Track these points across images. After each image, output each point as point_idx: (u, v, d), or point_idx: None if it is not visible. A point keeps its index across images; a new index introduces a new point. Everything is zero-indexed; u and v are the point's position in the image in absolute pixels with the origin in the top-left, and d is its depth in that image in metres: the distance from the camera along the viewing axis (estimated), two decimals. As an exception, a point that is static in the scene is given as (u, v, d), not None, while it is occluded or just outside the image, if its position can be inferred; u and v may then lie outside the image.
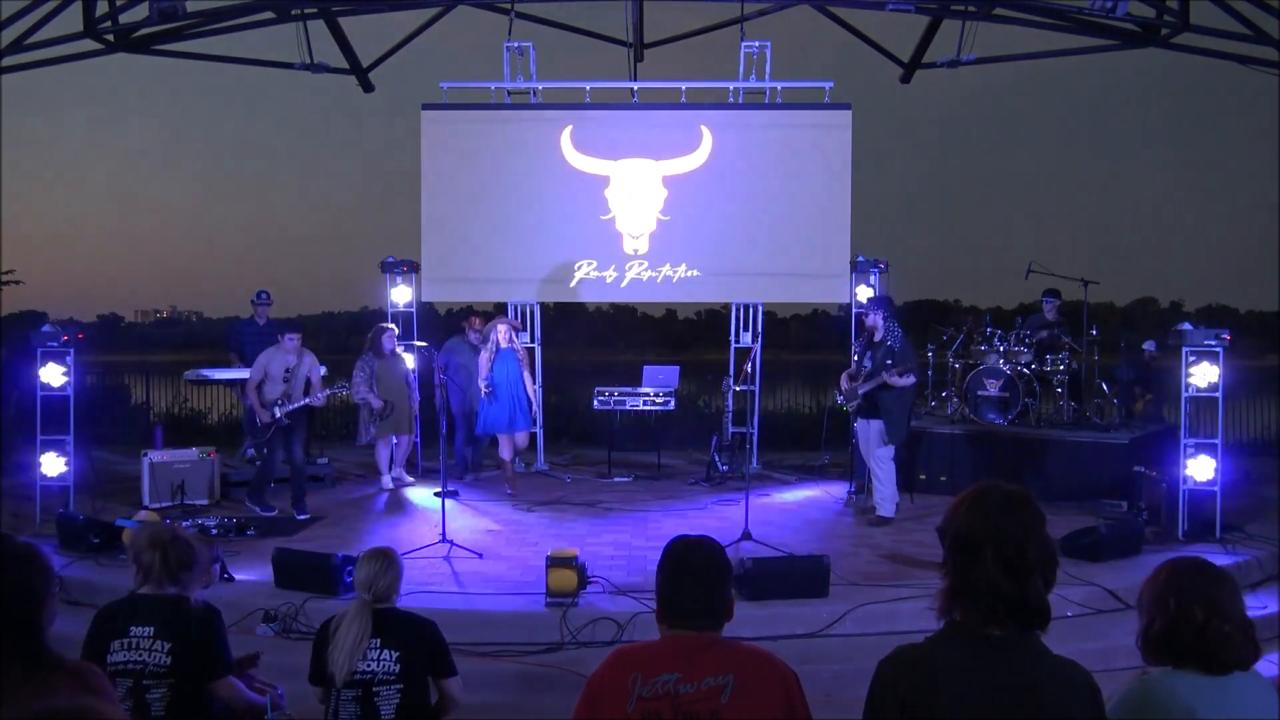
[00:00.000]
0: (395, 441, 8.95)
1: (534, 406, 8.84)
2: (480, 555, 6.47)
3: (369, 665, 3.14)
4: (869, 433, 7.54)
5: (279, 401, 7.58)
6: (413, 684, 3.17)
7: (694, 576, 2.26)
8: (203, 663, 3.09)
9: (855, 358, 7.85)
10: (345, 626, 3.19)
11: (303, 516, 7.64)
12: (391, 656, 3.16)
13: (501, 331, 8.46)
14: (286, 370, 7.65)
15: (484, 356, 8.45)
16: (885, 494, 7.49)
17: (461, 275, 9.77)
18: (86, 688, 2.03)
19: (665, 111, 9.81)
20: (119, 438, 11.60)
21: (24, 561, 2.20)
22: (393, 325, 9.05)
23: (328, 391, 8.10)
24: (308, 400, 7.68)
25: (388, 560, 3.34)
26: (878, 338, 7.54)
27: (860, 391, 7.48)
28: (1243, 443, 11.60)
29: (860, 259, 9.65)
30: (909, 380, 7.33)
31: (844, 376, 7.83)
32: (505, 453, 8.58)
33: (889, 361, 7.33)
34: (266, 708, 3.56)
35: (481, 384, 8.40)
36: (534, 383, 8.90)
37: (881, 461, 7.47)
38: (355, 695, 3.13)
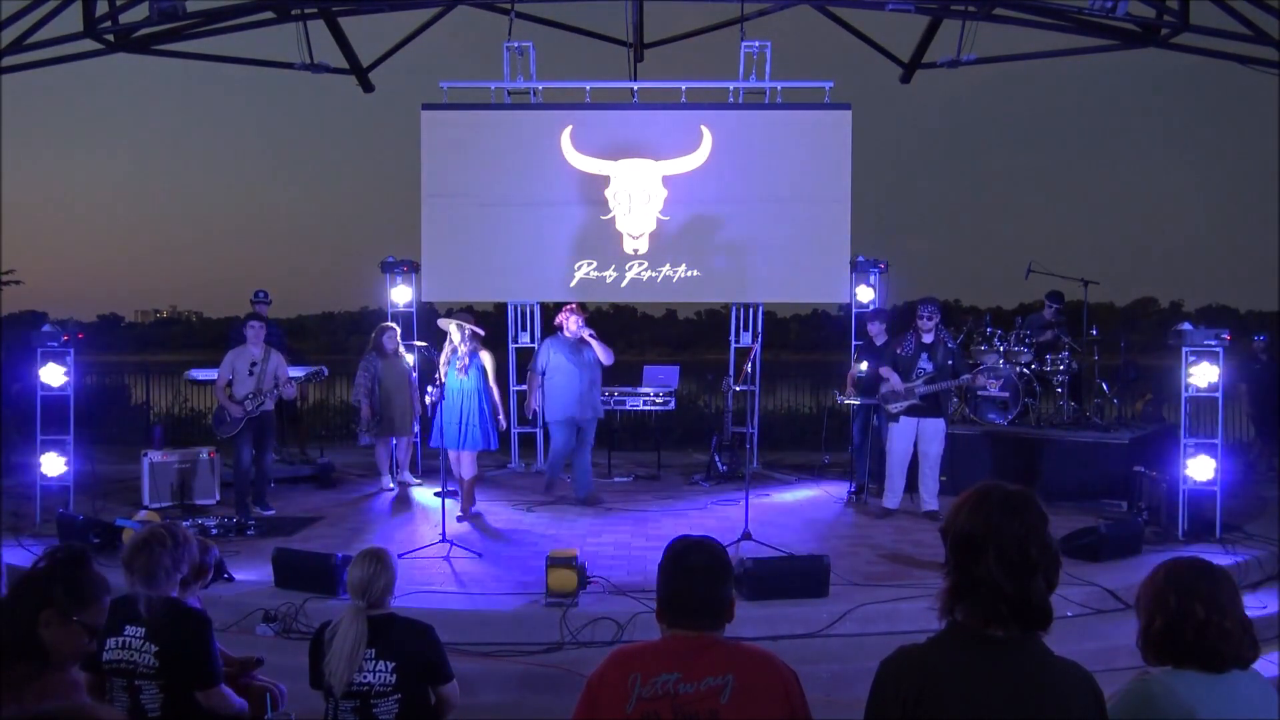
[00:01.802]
0: (395, 443, 8.96)
1: (498, 420, 7.65)
2: (480, 555, 6.48)
3: (365, 677, 3.08)
4: (920, 432, 7.55)
5: (250, 395, 7.61)
6: (411, 692, 3.12)
7: (695, 576, 2.26)
8: (189, 670, 3.08)
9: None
10: (340, 635, 3.11)
11: (269, 512, 7.74)
12: (387, 668, 3.09)
13: (454, 331, 7.46)
14: (253, 364, 7.67)
15: (441, 359, 7.52)
16: (936, 487, 7.65)
17: (461, 275, 9.77)
18: (59, 699, 2.01)
19: (665, 111, 9.80)
20: (119, 438, 11.60)
21: (72, 579, 2.18)
22: (394, 325, 9.06)
23: (303, 372, 8.17)
24: (279, 391, 7.71)
25: (381, 563, 3.24)
26: (929, 339, 7.58)
27: (921, 393, 7.47)
28: (1243, 443, 11.59)
29: (860, 259, 9.66)
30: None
31: (892, 376, 7.57)
32: (465, 471, 7.62)
33: (950, 363, 7.48)
34: (266, 706, 3.57)
35: (430, 390, 7.16)
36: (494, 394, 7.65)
37: (939, 461, 7.64)
38: (353, 706, 3.08)
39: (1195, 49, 9.07)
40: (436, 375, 7.34)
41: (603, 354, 8.04)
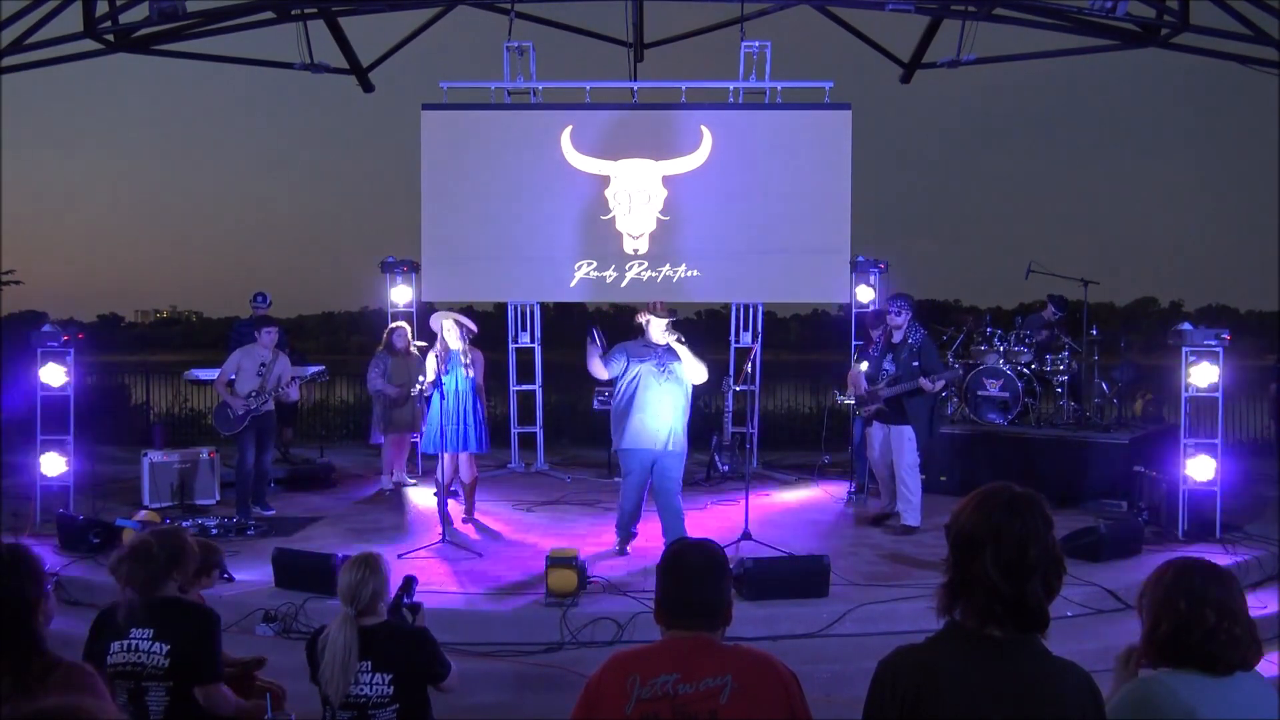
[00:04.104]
0: (398, 439, 8.97)
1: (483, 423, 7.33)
2: (480, 555, 6.48)
3: (361, 689, 3.03)
4: (891, 439, 7.21)
5: (254, 393, 7.62)
6: (409, 701, 3.08)
7: (693, 577, 2.26)
8: (195, 666, 3.07)
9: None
10: (330, 645, 3.04)
11: (269, 512, 7.75)
12: (384, 679, 3.03)
13: (451, 330, 7.15)
14: (261, 365, 7.69)
15: (430, 360, 7.20)
16: (915, 503, 7.17)
17: (461, 275, 9.76)
18: (80, 688, 2.03)
19: (665, 111, 9.80)
20: (119, 438, 11.60)
21: (13, 567, 2.20)
22: (405, 324, 9.09)
23: (307, 373, 8.16)
24: (282, 392, 7.72)
25: (369, 568, 3.15)
26: (898, 339, 7.25)
27: (884, 395, 7.17)
28: (1243, 443, 11.60)
29: (860, 259, 9.65)
30: (943, 384, 7.20)
31: (859, 376, 7.39)
32: (465, 474, 7.43)
33: (915, 364, 7.08)
34: (266, 706, 3.56)
35: (418, 389, 7.02)
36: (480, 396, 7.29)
37: (911, 470, 7.15)
38: (350, 717, 3.04)
39: (1195, 49, 9.07)
40: (434, 376, 7.04)
41: (692, 368, 6.27)
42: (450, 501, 7.22)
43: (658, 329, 6.26)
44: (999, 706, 1.79)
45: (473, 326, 7.33)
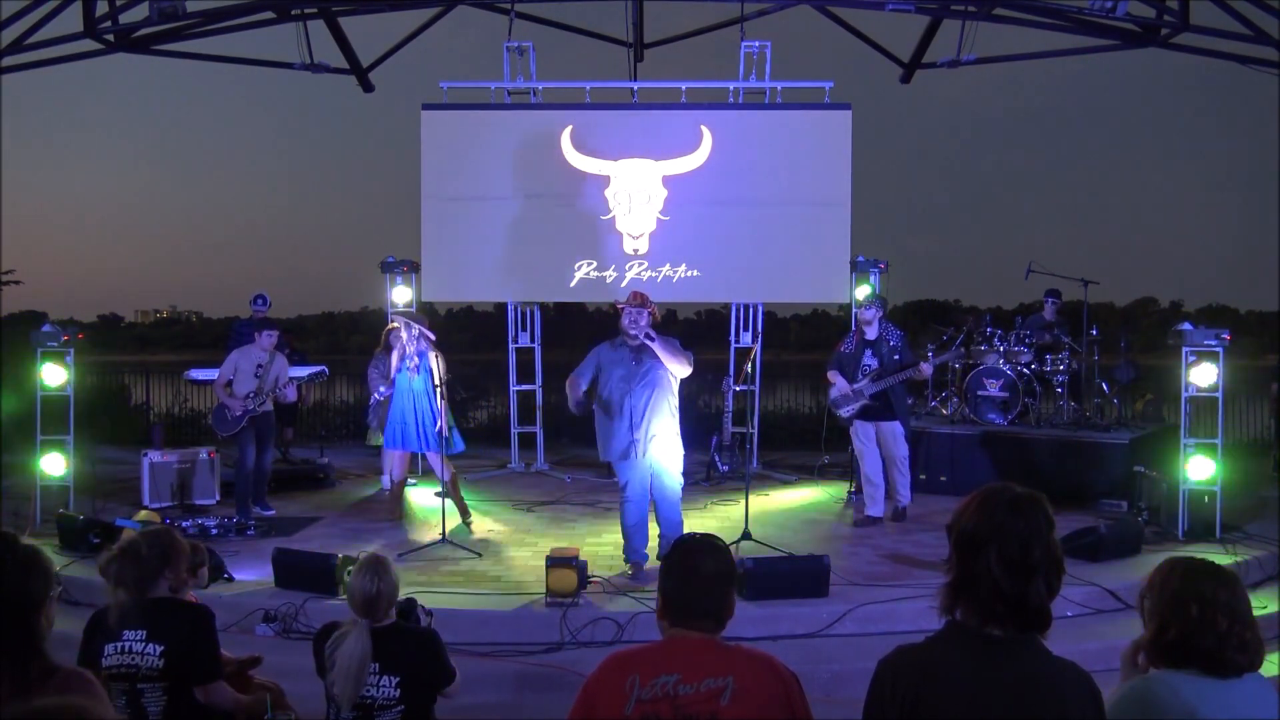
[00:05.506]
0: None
1: (436, 424, 7.05)
2: (480, 555, 6.48)
3: (369, 691, 3.04)
4: (883, 435, 7.38)
5: (252, 394, 7.62)
6: (414, 704, 3.08)
7: (700, 577, 2.25)
8: (193, 665, 3.06)
9: (839, 357, 7.61)
10: (344, 653, 3.02)
11: (269, 513, 7.77)
12: (391, 682, 3.05)
13: (403, 330, 7.28)
14: (258, 366, 7.70)
15: (394, 358, 7.30)
16: (908, 482, 7.57)
17: (461, 275, 9.77)
18: (79, 693, 2.03)
19: (665, 111, 9.80)
20: (119, 438, 11.60)
21: (25, 565, 2.20)
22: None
23: (305, 373, 8.18)
24: (280, 393, 7.71)
25: (379, 576, 3.14)
26: (871, 335, 7.39)
27: (870, 392, 7.27)
28: (1243, 443, 11.58)
29: (860, 259, 9.65)
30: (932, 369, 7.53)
31: (837, 379, 7.45)
32: (442, 476, 7.22)
33: (897, 358, 7.26)
34: (266, 705, 3.56)
35: (381, 389, 7.42)
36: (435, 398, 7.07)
37: (906, 460, 7.51)
38: (355, 717, 3.04)
39: (1195, 49, 9.07)
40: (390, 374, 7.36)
41: (669, 360, 5.86)
42: (449, 501, 7.22)
43: (630, 325, 5.84)
44: (999, 706, 1.79)
45: (429, 333, 7.26)
